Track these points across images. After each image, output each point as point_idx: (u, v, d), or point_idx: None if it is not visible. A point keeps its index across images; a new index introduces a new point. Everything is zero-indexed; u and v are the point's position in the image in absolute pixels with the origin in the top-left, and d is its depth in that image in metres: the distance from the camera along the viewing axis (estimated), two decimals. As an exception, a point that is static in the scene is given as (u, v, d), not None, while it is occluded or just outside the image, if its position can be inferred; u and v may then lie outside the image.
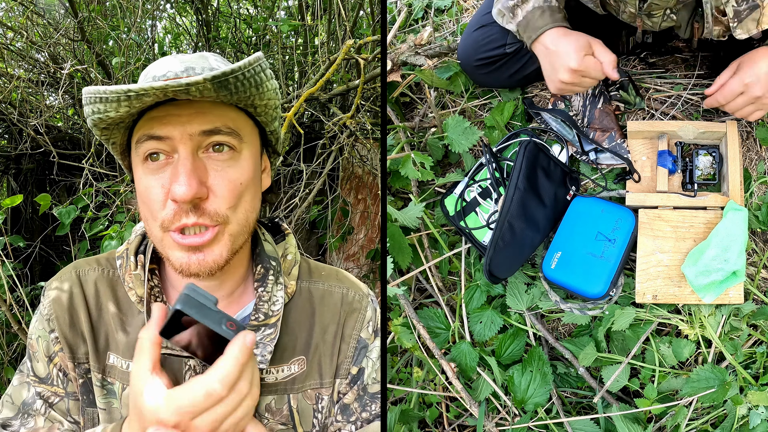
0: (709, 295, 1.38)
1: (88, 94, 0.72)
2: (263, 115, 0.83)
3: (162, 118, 0.76)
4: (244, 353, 0.66)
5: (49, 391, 0.90)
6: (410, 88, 1.81)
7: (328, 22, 2.47)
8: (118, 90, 0.69)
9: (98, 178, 2.16)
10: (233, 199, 0.79)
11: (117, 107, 0.72)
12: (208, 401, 0.65)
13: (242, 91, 0.74)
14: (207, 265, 0.78)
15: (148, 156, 0.78)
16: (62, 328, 0.88)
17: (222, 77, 0.69)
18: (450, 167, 1.70)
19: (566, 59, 1.31)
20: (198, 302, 0.67)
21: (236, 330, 0.68)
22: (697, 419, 1.42)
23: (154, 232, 0.80)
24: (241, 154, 0.81)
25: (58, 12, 2.83)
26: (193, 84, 0.68)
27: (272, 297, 0.89)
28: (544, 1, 1.36)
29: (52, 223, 2.85)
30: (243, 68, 0.71)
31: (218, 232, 0.79)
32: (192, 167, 0.75)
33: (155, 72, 0.82)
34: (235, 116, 0.80)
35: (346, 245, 2.61)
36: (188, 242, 0.77)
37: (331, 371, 0.93)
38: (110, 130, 0.79)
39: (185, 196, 0.74)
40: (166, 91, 0.69)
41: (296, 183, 2.27)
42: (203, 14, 3.00)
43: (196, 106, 0.76)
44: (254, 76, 0.73)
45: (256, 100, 0.77)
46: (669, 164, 1.48)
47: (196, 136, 0.76)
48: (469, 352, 1.45)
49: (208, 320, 0.66)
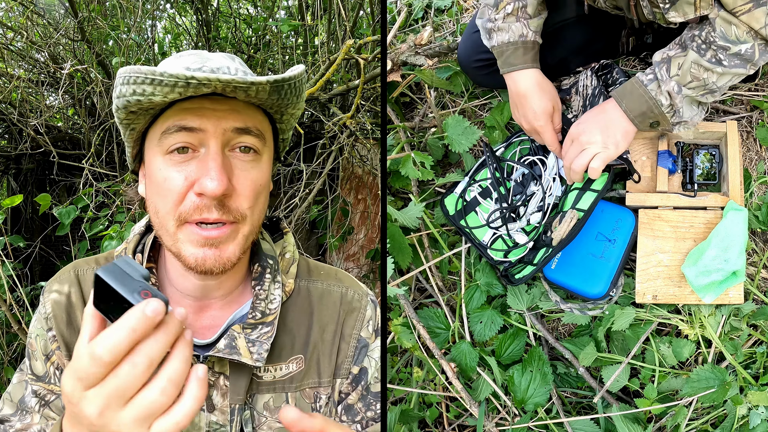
0: (709, 295, 1.38)
1: (135, 74, 0.70)
2: (285, 123, 0.86)
3: (196, 110, 0.75)
4: (140, 320, 0.54)
5: (45, 389, 0.90)
6: (410, 88, 1.81)
7: (328, 22, 2.47)
8: (179, 75, 0.68)
9: (98, 178, 2.16)
10: (253, 199, 0.80)
11: (169, 92, 0.70)
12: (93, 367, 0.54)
13: (286, 98, 0.77)
14: (221, 261, 0.78)
15: (175, 149, 0.76)
16: (60, 326, 0.88)
17: (281, 82, 0.73)
18: (450, 167, 1.70)
19: (531, 117, 1.39)
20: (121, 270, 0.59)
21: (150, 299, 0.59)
22: (697, 419, 1.42)
23: (166, 226, 0.79)
24: (263, 156, 0.82)
25: (58, 12, 2.83)
26: (257, 83, 0.71)
27: (269, 295, 0.89)
28: (520, 36, 1.37)
29: (52, 223, 2.85)
30: (296, 77, 0.75)
31: (235, 229, 0.79)
32: (222, 163, 0.76)
33: (189, 64, 0.80)
34: (261, 119, 0.82)
35: (346, 245, 2.61)
36: (207, 234, 0.77)
37: (330, 371, 0.93)
38: (137, 115, 0.77)
39: (216, 190, 0.73)
40: (229, 85, 0.69)
41: (296, 183, 2.27)
42: (203, 14, 3.00)
43: (230, 104, 0.77)
44: (300, 86, 0.78)
45: (290, 108, 0.81)
46: (669, 164, 1.48)
47: (229, 132, 0.77)
48: (469, 352, 1.45)
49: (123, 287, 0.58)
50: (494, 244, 1.51)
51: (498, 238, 1.51)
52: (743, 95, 1.60)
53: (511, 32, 1.37)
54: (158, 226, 0.81)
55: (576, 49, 1.52)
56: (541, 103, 1.37)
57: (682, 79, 1.22)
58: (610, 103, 1.30)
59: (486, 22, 1.41)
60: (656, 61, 1.25)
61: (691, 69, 1.20)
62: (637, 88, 1.26)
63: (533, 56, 1.39)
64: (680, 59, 1.21)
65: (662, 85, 1.23)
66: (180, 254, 0.79)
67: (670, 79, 1.23)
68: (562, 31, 1.50)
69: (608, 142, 1.27)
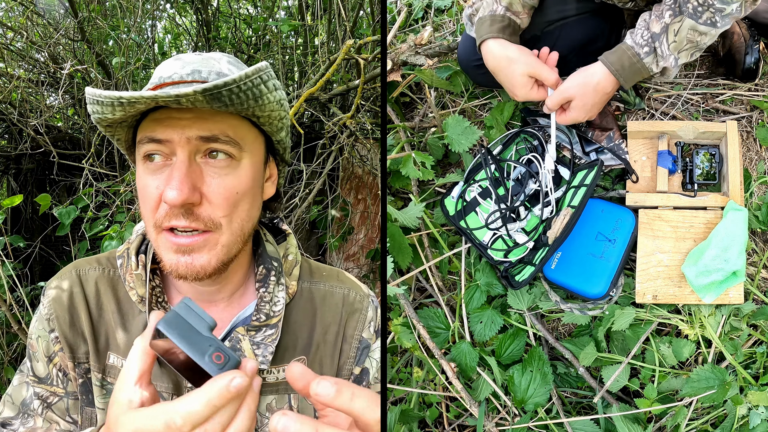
0: (709, 295, 1.38)
1: (88, 95, 0.73)
2: (267, 125, 0.82)
3: (163, 120, 0.76)
4: (222, 396, 0.57)
5: (47, 392, 0.90)
6: (410, 88, 1.81)
7: (328, 22, 2.47)
8: (111, 96, 0.70)
9: (98, 178, 2.16)
10: (228, 207, 0.78)
11: (112, 111, 0.72)
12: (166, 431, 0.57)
13: (238, 104, 0.72)
14: (194, 269, 0.78)
15: (147, 156, 0.78)
16: (62, 327, 0.88)
17: (213, 90, 0.68)
18: (450, 167, 1.70)
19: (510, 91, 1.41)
20: (185, 323, 0.60)
21: (223, 364, 0.59)
22: (697, 419, 1.42)
23: (149, 232, 0.81)
24: (240, 162, 0.80)
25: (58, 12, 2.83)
26: (182, 96, 0.67)
27: (274, 298, 0.88)
28: (489, 11, 1.39)
29: (52, 223, 2.85)
30: (238, 81, 0.69)
31: (209, 238, 0.78)
32: (186, 172, 0.75)
33: (162, 73, 0.82)
34: (236, 124, 0.79)
35: (346, 245, 2.61)
36: (177, 241, 0.77)
37: (332, 371, 0.93)
38: (113, 128, 0.80)
39: (175, 200, 0.73)
40: (157, 100, 0.69)
41: (296, 183, 2.27)
42: (203, 14, 3.00)
43: (197, 111, 0.76)
44: (252, 88, 0.72)
45: (256, 111, 0.76)
46: (669, 164, 1.48)
47: (194, 141, 0.76)
48: (469, 352, 1.45)
49: (191, 347, 0.59)
50: (494, 244, 1.51)
51: (498, 238, 1.51)
52: (743, 95, 1.60)
53: (483, 8, 1.40)
54: (147, 230, 0.82)
55: (575, 48, 1.52)
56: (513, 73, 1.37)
57: (678, 45, 1.25)
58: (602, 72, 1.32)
59: (467, 8, 1.43)
60: (655, 33, 1.26)
61: (687, 35, 1.24)
62: (635, 62, 1.29)
63: (498, 28, 1.38)
64: (676, 25, 1.24)
65: (660, 61, 1.28)
66: (161, 259, 0.80)
67: (669, 55, 1.26)
68: (562, 29, 1.50)
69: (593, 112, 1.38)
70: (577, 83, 1.35)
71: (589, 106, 1.36)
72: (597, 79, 1.33)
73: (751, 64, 1.56)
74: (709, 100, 1.61)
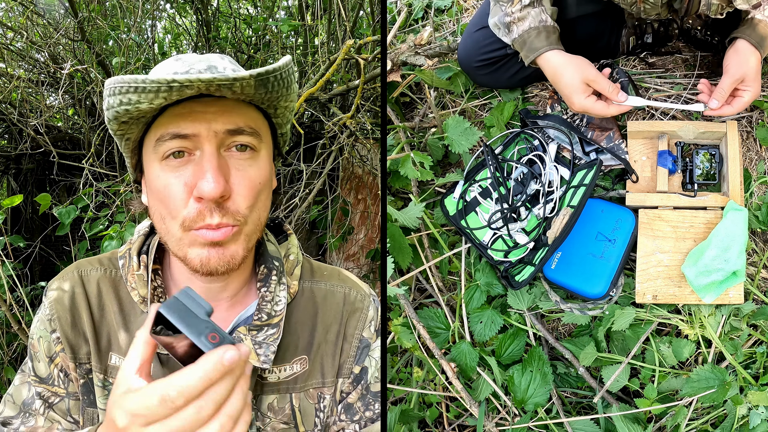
0: (709, 295, 1.38)
1: (119, 84, 0.70)
2: (281, 117, 0.84)
3: (187, 115, 0.75)
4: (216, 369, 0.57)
5: (49, 392, 0.90)
6: (410, 88, 1.81)
7: (328, 22, 2.47)
8: (160, 80, 0.67)
9: (98, 178, 2.16)
10: (252, 198, 0.79)
11: (153, 98, 0.70)
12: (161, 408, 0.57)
13: (275, 91, 0.75)
14: (225, 259, 0.78)
15: (170, 154, 0.76)
16: (64, 328, 0.88)
17: (265, 74, 0.72)
18: (450, 167, 1.70)
19: (568, 99, 1.39)
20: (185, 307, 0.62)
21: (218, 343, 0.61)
22: (697, 419, 1.42)
23: (172, 231, 0.79)
24: (260, 154, 0.81)
25: (58, 12, 2.83)
26: (240, 79, 0.69)
27: (275, 297, 0.89)
28: (540, 22, 1.39)
29: (52, 223, 2.85)
30: (281, 68, 0.74)
31: (236, 231, 0.79)
32: (218, 164, 0.75)
33: (177, 68, 0.80)
34: (255, 116, 0.81)
35: (346, 245, 2.61)
36: (212, 236, 0.76)
37: (333, 371, 0.93)
38: (129, 125, 0.77)
39: (213, 192, 0.73)
40: (212, 84, 0.68)
41: (296, 183, 2.27)
42: (203, 14, 3.00)
43: (220, 104, 0.76)
44: (288, 77, 0.76)
45: (282, 101, 0.79)
46: (669, 164, 1.48)
47: (221, 134, 0.76)
48: (469, 352, 1.45)
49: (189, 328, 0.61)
50: (494, 244, 1.51)
51: (498, 238, 1.51)
52: (743, 95, 1.60)
53: (531, 18, 1.40)
54: (163, 232, 0.81)
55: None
56: (571, 79, 1.37)
57: None
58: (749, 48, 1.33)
59: (503, 17, 1.42)
60: None
61: None
62: None
63: (555, 39, 1.40)
64: None
65: None
66: (186, 258, 0.79)
67: None
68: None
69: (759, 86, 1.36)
70: (737, 64, 1.34)
71: (759, 80, 1.35)
72: (748, 54, 1.33)
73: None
74: (709, 100, 1.61)
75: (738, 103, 1.36)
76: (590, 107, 1.38)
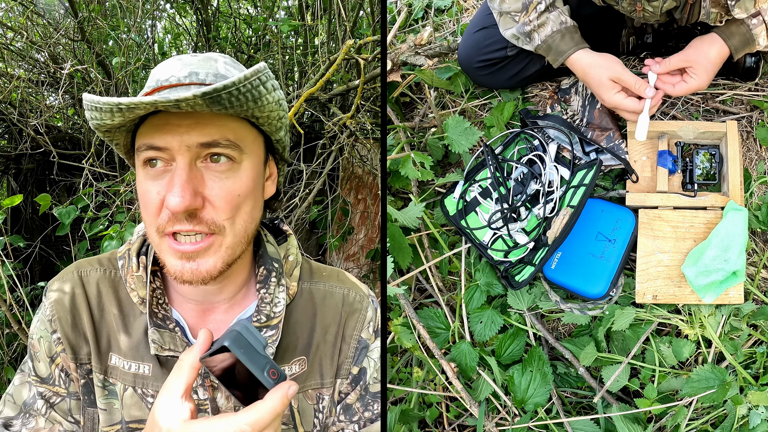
0: (709, 295, 1.38)
1: (86, 101, 0.73)
2: (266, 126, 0.81)
3: (161, 126, 0.75)
4: (283, 404, 0.67)
5: (50, 392, 0.90)
6: (410, 88, 1.81)
7: (328, 22, 2.47)
8: (110, 102, 0.69)
9: (98, 178, 2.16)
10: (231, 210, 0.78)
11: (111, 117, 0.72)
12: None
13: (238, 106, 0.72)
14: (200, 274, 0.78)
15: (147, 162, 0.78)
16: (65, 329, 0.88)
17: (213, 93, 0.68)
18: (450, 167, 1.70)
19: (599, 96, 1.42)
20: (247, 342, 0.69)
21: (277, 379, 0.70)
22: (697, 419, 1.42)
23: (151, 236, 0.80)
24: (241, 165, 0.79)
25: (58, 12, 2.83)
26: (182, 100, 0.67)
27: (274, 299, 0.89)
28: (561, 24, 1.41)
29: (52, 223, 2.85)
30: (237, 84, 0.69)
31: (213, 241, 0.78)
32: (187, 178, 0.75)
33: (159, 75, 0.81)
34: (236, 126, 0.78)
35: (346, 245, 2.61)
36: (181, 249, 0.77)
37: (332, 371, 0.93)
38: (112, 133, 0.79)
39: (177, 207, 0.73)
40: (156, 105, 0.69)
41: (296, 183, 2.27)
42: (203, 14, 3.00)
43: (196, 116, 0.75)
44: (251, 90, 0.71)
45: (256, 112, 0.76)
46: (669, 164, 1.48)
47: (195, 148, 0.75)
48: (469, 352, 1.45)
49: (253, 364, 0.68)
50: (494, 244, 1.51)
51: (498, 238, 1.51)
52: (743, 95, 1.60)
53: (552, 23, 1.41)
54: (149, 235, 0.82)
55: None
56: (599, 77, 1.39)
57: None
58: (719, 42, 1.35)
59: (522, 26, 1.42)
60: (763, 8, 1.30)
61: None
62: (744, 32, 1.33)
63: (579, 38, 1.42)
64: None
65: None
66: (164, 264, 0.80)
67: None
68: None
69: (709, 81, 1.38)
70: (695, 48, 1.36)
71: (711, 73, 1.37)
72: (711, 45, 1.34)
73: (751, 64, 1.56)
74: (709, 100, 1.61)
75: (680, 87, 1.38)
76: (620, 103, 1.40)
